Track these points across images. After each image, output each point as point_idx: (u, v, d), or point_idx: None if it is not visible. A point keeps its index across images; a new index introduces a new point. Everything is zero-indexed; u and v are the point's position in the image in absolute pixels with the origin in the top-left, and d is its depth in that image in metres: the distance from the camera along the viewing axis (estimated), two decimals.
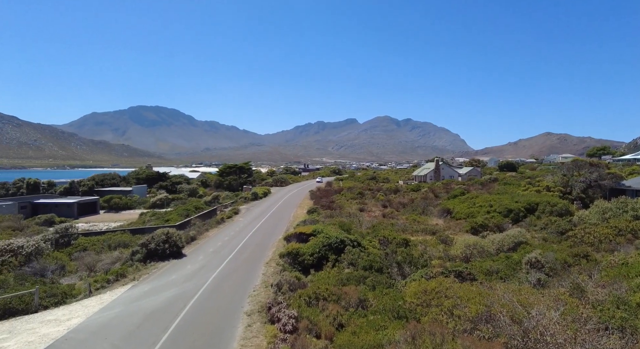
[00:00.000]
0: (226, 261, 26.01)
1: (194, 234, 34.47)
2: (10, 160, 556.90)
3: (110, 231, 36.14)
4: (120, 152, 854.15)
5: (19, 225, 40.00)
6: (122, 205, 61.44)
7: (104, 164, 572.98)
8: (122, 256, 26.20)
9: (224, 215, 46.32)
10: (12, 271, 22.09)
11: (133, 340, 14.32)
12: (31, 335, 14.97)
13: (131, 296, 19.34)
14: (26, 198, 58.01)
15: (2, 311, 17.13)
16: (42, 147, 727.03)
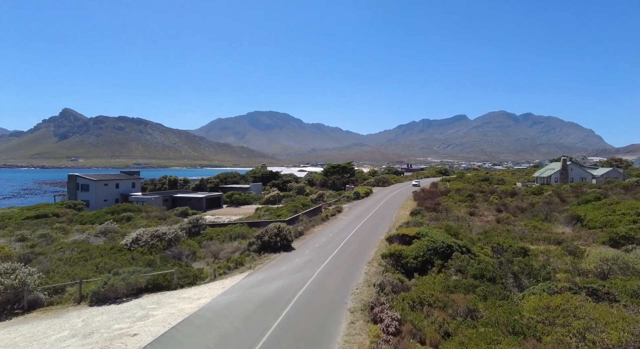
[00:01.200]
0: (330, 257, 26.99)
1: (302, 229, 36.56)
2: (157, 161, 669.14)
3: (231, 223, 40.68)
4: (240, 153, 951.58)
5: (163, 215, 47.81)
6: (241, 201, 68.62)
7: (227, 164, 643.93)
8: (241, 247, 29.28)
9: (328, 213, 48.06)
10: (158, 253, 26.60)
11: (249, 323, 15.94)
12: (172, 308, 17.84)
13: (248, 283, 21.52)
14: (168, 193, 69.03)
15: (152, 285, 20.83)
16: (179, 149, 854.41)
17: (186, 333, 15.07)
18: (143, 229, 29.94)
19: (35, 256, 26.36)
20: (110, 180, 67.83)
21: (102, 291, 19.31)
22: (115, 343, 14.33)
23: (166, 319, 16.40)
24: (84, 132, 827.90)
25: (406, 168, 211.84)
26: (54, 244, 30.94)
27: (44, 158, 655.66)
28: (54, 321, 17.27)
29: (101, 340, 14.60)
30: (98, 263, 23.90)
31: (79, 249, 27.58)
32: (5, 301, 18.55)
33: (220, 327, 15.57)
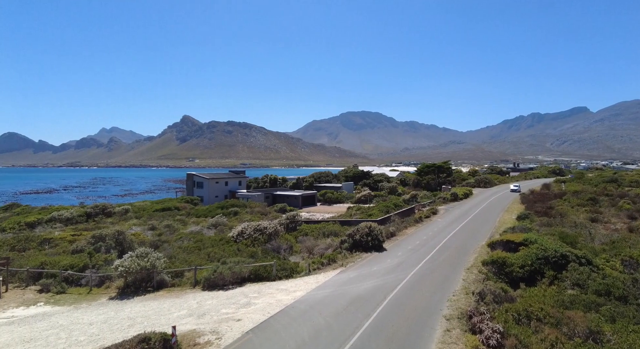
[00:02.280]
0: (424, 260, 26.00)
1: (394, 230, 35.92)
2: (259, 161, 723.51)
3: (324, 221, 41.97)
4: (333, 153, 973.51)
5: (264, 210, 51.58)
6: (333, 199, 70.31)
7: (321, 164, 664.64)
8: (333, 244, 30.03)
9: (421, 214, 46.30)
10: (259, 246, 28.83)
11: (341, 319, 16.29)
12: (271, 298, 19.20)
13: (340, 280, 21.99)
14: (269, 190, 74.21)
15: (254, 275, 22.69)
16: (279, 150, 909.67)
17: (283, 323, 16.07)
18: (247, 223, 32.75)
19: (161, 243, 30.83)
20: (221, 179, 75.63)
21: (212, 278, 21.70)
22: (223, 325, 15.99)
23: (265, 309, 17.71)
24: (199, 136, 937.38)
25: (512, 168, 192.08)
26: (175, 234, 35.77)
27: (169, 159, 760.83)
28: (175, 300, 20.00)
29: (211, 322, 16.43)
30: (209, 253, 26.90)
31: (195, 239, 31.42)
32: (141, 279, 22.10)
33: (313, 320, 16.24)
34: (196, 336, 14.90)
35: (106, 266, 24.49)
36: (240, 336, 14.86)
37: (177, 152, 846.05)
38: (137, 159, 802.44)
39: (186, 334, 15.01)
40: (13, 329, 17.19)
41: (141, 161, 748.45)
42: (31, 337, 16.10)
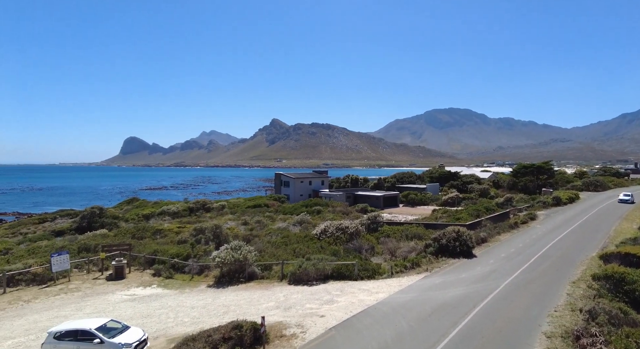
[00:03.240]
0: (520, 269, 23.72)
1: (485, 236, 33.45)
2: (341, 161, 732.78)
3: (407, 223, 40.85)
4: (417, 153, 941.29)
5: (346, 210, 52.16)
6: (417, 201, 68.02)
7: (403, 164, 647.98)
8: (417, 247, 29.08)
9: (517, 219, 42.24)
10: (341, 245, 29.26)
11: (425, 326, 15.73)
12: (353, 298, 19.37)
13: (424, 285, 21.23)
14: (350, 190, 74.80)
15: (336, 273, 23.13)
16: (360, 150, 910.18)
17: (365, 323, 16.11)
18: (329, 222, 33.49)
19: (252, 237, 33.17)
20: (305, 178, 78.53)
21: (297, 273, 22.68)
22: (307, 320, 16.62)
23: (348, 307, 17.93)
24: (286, 138, 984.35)
25: (633, 169, 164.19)
26: (265, 229, 38.15)
27: (259, 159, 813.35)
28: (264, 292, 21.36)
29: (297, 315, 17.19)
30: (295, 249, 28.13)
31: (282, 235, 33.15)
32: (234, 270, 24.08)
33: (396, 324, 15.97)
34: (282, 328, 15.74)
35: (205, 256, 27.18)
36: (324, 332, 15.29)
37: (266, 153, 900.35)
38: (232, 159, 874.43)
39: (274, 325, 15.95)
40: (135, 306, 20.13)
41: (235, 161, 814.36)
42: (148, 314, 18.67)
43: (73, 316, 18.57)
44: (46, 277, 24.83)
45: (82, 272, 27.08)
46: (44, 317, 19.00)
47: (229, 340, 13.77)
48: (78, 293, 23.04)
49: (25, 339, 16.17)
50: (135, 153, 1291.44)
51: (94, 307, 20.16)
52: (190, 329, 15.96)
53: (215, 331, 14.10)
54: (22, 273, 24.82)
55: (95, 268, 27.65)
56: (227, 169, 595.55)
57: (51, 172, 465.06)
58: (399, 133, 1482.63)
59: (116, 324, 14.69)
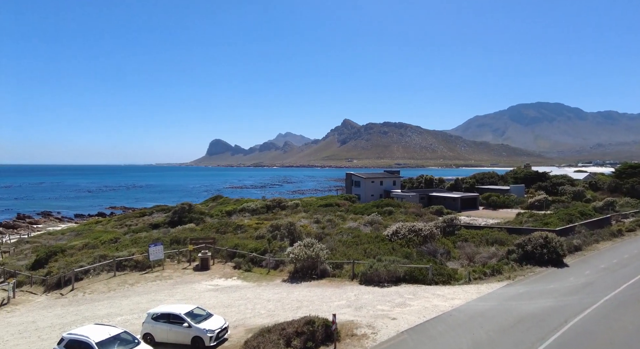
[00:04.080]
0: (626, 284, 20.78)
1: (579, 243, 29.90)
2: (414, 161, 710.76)
3: (487, 227, 38.20)
4: (499, 152, 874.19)
5: (419, 211, 50.50)
6: (499, 203, 63.16)
7: (484, 163, 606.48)
8: (498, 253, 27.07)
9: (621, 227, 36.94)
10: (414, 247, 28.44)
11: (506, 337, 14.62)
12: (426, 302, 18.75)
13: (506, 294, 19.71)
14: (424, 191, 72.24)
15: (408, 276, 22.59)
16: (435, 149, 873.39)
17: (439, 330, 15.49)
18: (402, 223, 32.75)
19: (324, 235, 33.84)
20: (376, 178, 77.76)
21: (368, 274, 22.62)
22: (378, 321, 16.51)
23: (421, 312, 17.41)
24: (357, 138, 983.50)
25: None
26: (336, 228, 38.66)
27: (331, 159, 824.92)
28: (336, 290, 21.69)
29: (367, 316, 17.17)
30: (366, 249, 28.06)
31: (352, 234, 33.29)
32: (307, 267, 24.84)
33: (474, 333, 15.09)
34: (353, 327, 15.85)
35: (280, 252, 28.45)
36: (395, 335, 15.06)
37: (338, 153, 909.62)
38: (306, 160, 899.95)
39: (345, 323, 16.14)
40: (217, 295, 21.89)
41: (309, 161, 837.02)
42: (229, 304, 20.17)
43: (166, 301, 20.82)
44: (145, 264, 28.18)
45: (174, 262, 30.17)
46: (144, 299, 21.60)
47: (302, 335, 14.28)
48: (170, 280, 25.75)
49: (130, 317, 18.57)
50: (219, 154, 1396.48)
51: (182, 294, 22.36)
52: (266, 321, 16.88)
53: (289, 325, 14.72)
54: (127, 259, 28.52)
55: (184, 259, 30.60)
56: (300, 169, 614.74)
57: (149, 171, 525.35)
58: (479, 131, 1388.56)
59: (201, 312, 16.13)
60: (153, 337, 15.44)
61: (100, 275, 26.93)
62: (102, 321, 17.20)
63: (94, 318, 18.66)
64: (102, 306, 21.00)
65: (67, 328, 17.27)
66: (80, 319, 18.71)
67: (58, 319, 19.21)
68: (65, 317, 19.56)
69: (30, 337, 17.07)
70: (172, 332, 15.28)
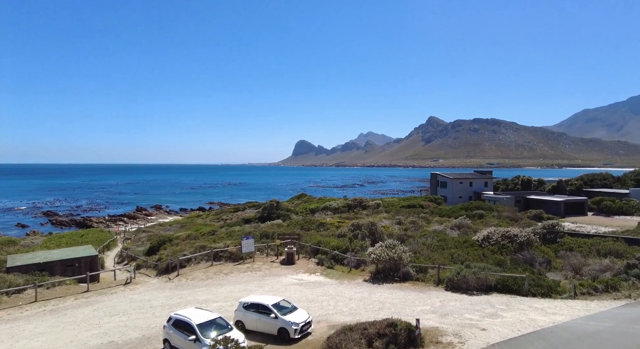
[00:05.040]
0: None
1: None
2: (509, 160, 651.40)
3: (598, 235, 33.38)
4: (615, 150, 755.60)
5: (515, 216, 46.18)
6: (614, 209, 54.63)
7: (594, 163, 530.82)
8: (614, 266, 23.46)
9: None
10: (508, 254, 26.13)
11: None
12: (522, 315, 17.10)
13: (625, 315, 16.99)
14: (520, 193, 65.80)
15: (501, 285, 20.86)
16: (534, 148, 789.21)
17: (537, 347, 14.02)
18: (494, 228, 30.33)
19: (407, 237, 32.96)
20: (465, 179, 73.10)
21: (455, 280, 21.43)
22: (466, 330, 15.56)
23: (515, 325, 15.95)
24: (444, 136, 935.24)
25: None
26: (420, 230, 37.35)
27: (414, 159, 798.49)
28: (419, 294, 21.00)
29: (454, 324, 16.30)
30: (452, 253, 26.62)
31: (438, 238, 31.83)
32: (389, 268, 24.47)
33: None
34: (438, 334, 15.19)
35: (361, 251, 28.49)
36: (485, 347, 14.04)
37: (422, 152, 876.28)
38: (388, 159, 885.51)
39: (429, 329, 15.55)
40: (301, 290, 22.81)
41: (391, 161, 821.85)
42: (312, 299, 20.87)
43: (256, 291, 22.34)
44: (238, 256, 30.59)
45: (263, 255, 32.20)
46: (237, 289, 23.49)
47: (384, 336, 14.14)
48: (259, 272, 27.56)
49: (224, 304, 20.36)
50: (303, 155, 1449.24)
51: (270, 286, 23.77)
52: (348, 319, 17.08)
53: (371, 325, 14.69)
54: (223, 251, 31.27)
55: (272, 253, 32.48)
56: (382, 169, 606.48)
57: (242, 170, 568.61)
58: (589, 126, 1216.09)
59: (287, 304, 16.96)
60: (244, 324, 16.71)
61: (200, 264, 29.98)
62: (201, 305, 19.16)
63: (194, 302, 20.87)
64: (201, 292, 23.37)
65: (174, 308, 19.61)
66: (183, 302, 21.09)
67: (167, 300, 21.91)
68: (172, 299, 22.22)
69: (146, 313, 19.77)
70: (260, 321, 16.36)
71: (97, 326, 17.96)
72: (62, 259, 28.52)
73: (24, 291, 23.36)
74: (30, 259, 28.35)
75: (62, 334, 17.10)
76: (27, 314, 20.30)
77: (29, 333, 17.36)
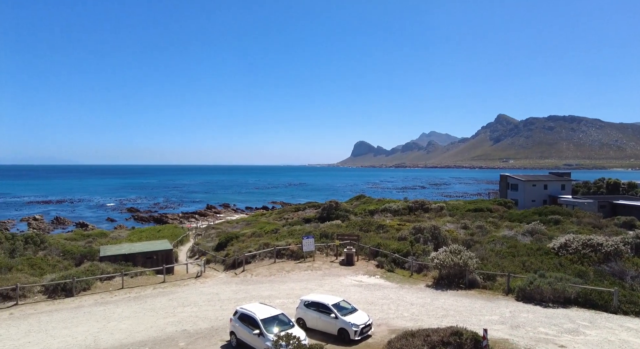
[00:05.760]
0: None
1: None
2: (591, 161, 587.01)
3: None
4: None
5: (598, 223, 41.52)
6: None
7: None
8: None
9: None
10: (591, 265, 23.57)
11: None
12: (610, 334, 15.31)
13: None
14: (605, 198, 59.04)
15: (582, 299, 18.89)
16: (622, 147, 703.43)
17: None
18: (573, 235, 27.56)
19: (473, 243, 31.24)
20: (538, 181, 67.37)
21: (527, 290, 19.85)
22: (541, 345, 14.36)
23: (602, 345, 14.33)
24: (514, 135, 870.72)
25: None
26: (488, 235, 35.17)
27: (481, 159, 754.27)
28: (487, 303, 19.80)
29: (527, 337, 15.12)
30: (524, 261, 24.68)
31: (507, 244, 29.71)
32: (453, 274, 23.41)
33: None
34: (508, 347, 14.21)
35: (424, 256, 27.59)
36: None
37: (490, 153, 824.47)
38: (451, 160, 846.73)
39: (497, 341, 14.61)
40: (361, 291, 22.72)
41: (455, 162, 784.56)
42: (372, 301, 20.70)
43: (316, 290, 22.71)
44: (299, 254, 31.34)
45: (322, 254, 32.63)
46: (298, 286, 24.08)
47: (447, 345, 13.57)
48: (319, 271, 27.96)
49: (286, 301, 21.00)
50: (362, 155, 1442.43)
51: (330, 286, 24.00)
52: (409, 325, 16.66)
53: (434, 332, 14.18)
54: (284, 249, 32.26)
55: (331, 253, 32.78)
56: (445, 170, 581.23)
57: (302, 171, 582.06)
58: None
59: (347, 305, 17.01)
60: (305, 322, 17.08)
61: (264, 261, 31.23)
62: (265, 301, 19.95)
63: (258, 297, 21.80)
64: (264, 288, 24.34)
65: (240, 302, 20.67)
66: (248, 297, 22.13)
67: (233, 295, 23.16)
68: (238, 293, 23.44)
69: (215, 306, 21.09)
70: (320, 320, 16.60)
71: (172, 315, 19.56)
72: (143, 251, 31.49)
73: (113, 278, 26.20)
74: (117, 250, 31.71)
75: (143, 320, 18.90)
76: (115, 299, 22.76)
77: (117, 316, 19.45)
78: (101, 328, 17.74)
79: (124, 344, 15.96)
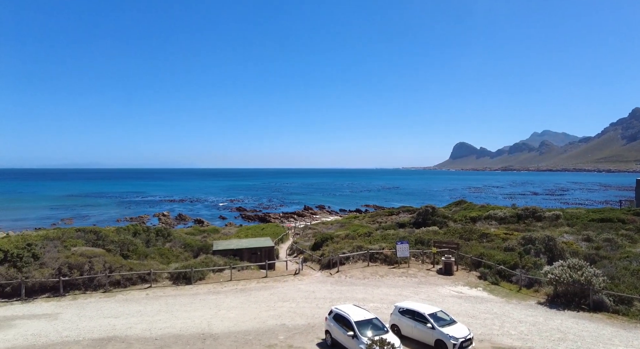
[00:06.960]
0: None
1: None
2: None
3: None
4: None
5: None
6: None
7: None
8: None
9: None
10: None
11: None
12: None
13: None
14: None
15: None
16: None
17: None
18: None
19: (599, 259, 26.82)
20: None
21: None
22: None
23: None
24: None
25: None
26: (619, 251, 29.83)
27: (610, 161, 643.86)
28: (619, 331, 16.82)
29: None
30: None
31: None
32: (572, 293, 20.46)
33: None
34: None
35: (535, 269, 24.67)
36: None
37: (621, 153, 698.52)
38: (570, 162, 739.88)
39: None
40: (461, 303, 21.33)
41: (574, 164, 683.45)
42: (473, 315, 19.28)
43: (411, 298, 22.04)
44: (393, 260, 30.79)
45: (418, 261, 31.50)
46: (392, 292, 23.69)
47: None
48: (415, 279, 27.06)
49: (380, 305, 20.84)
50: (463, 158, 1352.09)
51: (426, 295, 23.04)
52: (516, 344, 15.14)
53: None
54: (378, 252, 32.02)
55: (427, 260, 31.44)
56: (562, 173, 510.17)
57: (396, 174, 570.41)
58: None
59: (445, 316, 16.14)
60: (399, 329, 16.71)
61: (357, 263, 31.44)
62: (359, 303, 20.09)
63: (352, 299, 22.05)
64: (358, 290, 24.50)
65: (334, 302, 21.19)
66: (342, 298, 22.54)
67: (328, 294, 23.84)
68: (333, 293, 24.04)
69: (311, 303, 21.99)
70: (416, 329, 16.06)
71: (273, 309, 20.98)
72: (249, 247, 34.41)
73: (223, 271, 29.22)
74: (227, 245, 35.22)
75: (248, 311, 20.68)
76: (225, 290, 25.34)
77: (226, 305, 21.64)
78: (213, 315, 19.94)
79: (232, 331, 17.67)
